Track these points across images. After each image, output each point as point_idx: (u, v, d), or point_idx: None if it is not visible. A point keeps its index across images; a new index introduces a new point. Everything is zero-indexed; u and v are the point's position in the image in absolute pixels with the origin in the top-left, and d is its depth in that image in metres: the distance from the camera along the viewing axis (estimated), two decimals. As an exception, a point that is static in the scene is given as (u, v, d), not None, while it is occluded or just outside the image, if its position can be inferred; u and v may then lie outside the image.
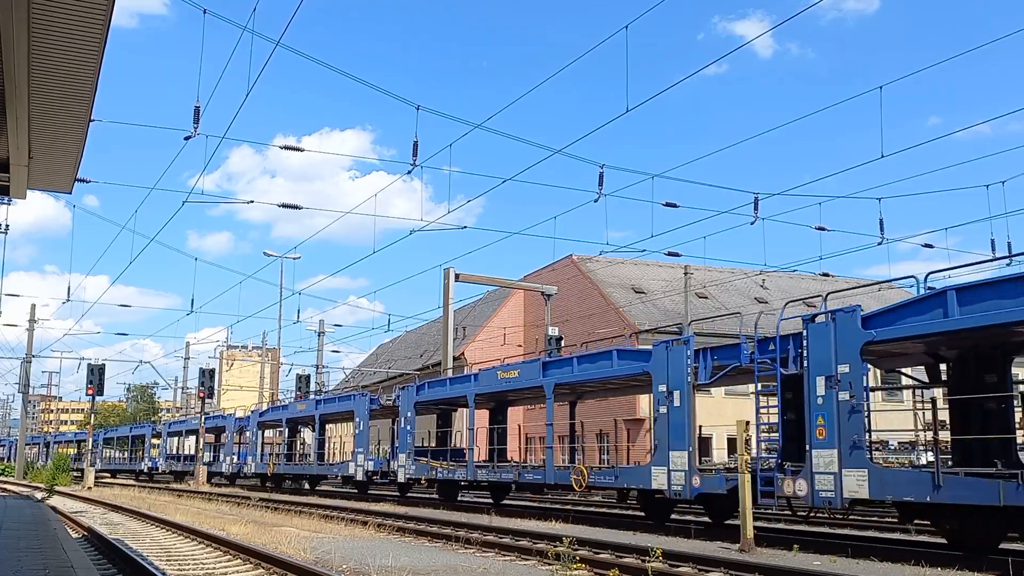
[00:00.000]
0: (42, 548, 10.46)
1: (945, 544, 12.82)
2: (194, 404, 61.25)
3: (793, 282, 48.10)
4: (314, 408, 34.65)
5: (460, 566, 11.30)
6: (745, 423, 13.87)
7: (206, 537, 14.26)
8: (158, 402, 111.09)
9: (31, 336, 49.72)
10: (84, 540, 14.47)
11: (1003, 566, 10.51)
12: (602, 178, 19.11)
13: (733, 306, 40.57)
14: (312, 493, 34.52)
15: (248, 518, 19.09)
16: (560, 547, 11.32)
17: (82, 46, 7.61)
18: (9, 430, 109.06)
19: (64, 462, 41.67)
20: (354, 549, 12.80)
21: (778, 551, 12.71)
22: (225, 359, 68.99)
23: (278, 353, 54.76)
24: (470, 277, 33.48)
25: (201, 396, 43.00)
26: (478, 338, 51.90)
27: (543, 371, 20.64)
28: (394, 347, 69.27)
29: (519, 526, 16.35)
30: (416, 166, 18.22)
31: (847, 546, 12.69)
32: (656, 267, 48.31)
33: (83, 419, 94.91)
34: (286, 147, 40.97)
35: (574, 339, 31.89)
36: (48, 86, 8.38)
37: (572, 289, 45.58)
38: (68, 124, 9.35)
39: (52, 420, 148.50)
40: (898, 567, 11.14)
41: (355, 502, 26.50)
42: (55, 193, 20.71)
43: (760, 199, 21.08)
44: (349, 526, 17.53)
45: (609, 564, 10.98)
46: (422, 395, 26.28)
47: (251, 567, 11.27)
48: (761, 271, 45.72)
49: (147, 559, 11.27)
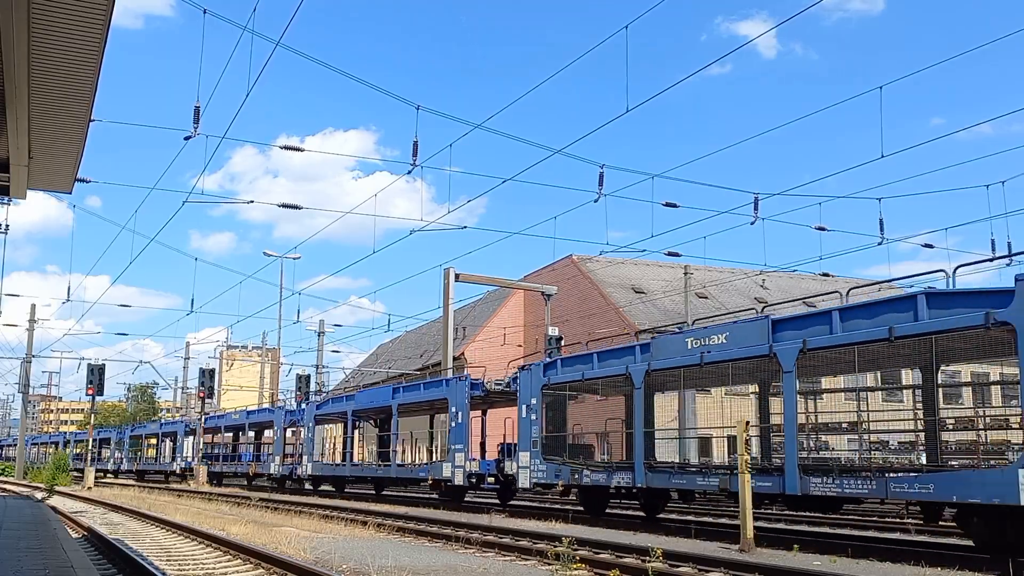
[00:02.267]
0: (42, 548, 10.45)
1: (945, 544, 12.81)
2: (194, 404, 61.10)
3: (793, 282, 48.11)
4: (390, 397, 28.54)
5: (460, 566, 11.30)
6: (746, 423, 13.88)
7: (206, 537, 14.26)
8: (158, 402, 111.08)
9: (31, 336, 49.73)
10: (84, 540, 14.46)
11: (1003, 566, 10.51)
12: (602, 178, 19.14)
13: (733, 306, 40.57)
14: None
15: (248, 518, 19.09)
16: (560, 547, 11.32)
17: (82, 46, 7.62)
18: (9, 430, 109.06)
19: (64, 462, 41.54)
20: (354, 549, 12.80)
21: (778, 551, 12.71)
22: (225, 359, 69.01)
23: (278, 353, 54.75)
24: (470, 277, 33.47)
25: (201, 396, 42.97)
26: (478, 338, 51.92)
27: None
28: (394, 347, 69.29)
29: (519, 526, 16.35)
30: (416, 166, 18.25)
31: (847, 546, 12.68)
32: (656, 267, 48.33)
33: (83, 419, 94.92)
34: (286, 147, 41.05)
35: (574, 339, 31.86)
36: (48, 86, 8.38)
37: (572, 289, 45.59)
38: (68, 124, 9.36)
39: (52, 420, 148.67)
40: (898, 567, 11.13)
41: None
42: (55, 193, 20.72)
43: (760, 199, 21.11)
44: (349, 526, 17.53)
45: (609, 564, 10.98)
46: (555, 376, 20.46)
47: (251, 567, 11.27)
48: (761, 271, 45.75)
49: (147, 559, 11.27)
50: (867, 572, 10.71)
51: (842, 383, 17.82)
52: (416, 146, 17.97)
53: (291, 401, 41.32)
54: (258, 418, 41.69)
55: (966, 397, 23.63)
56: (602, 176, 19.12)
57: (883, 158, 16.97)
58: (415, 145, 17.96)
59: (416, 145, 17.96)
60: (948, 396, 22.47)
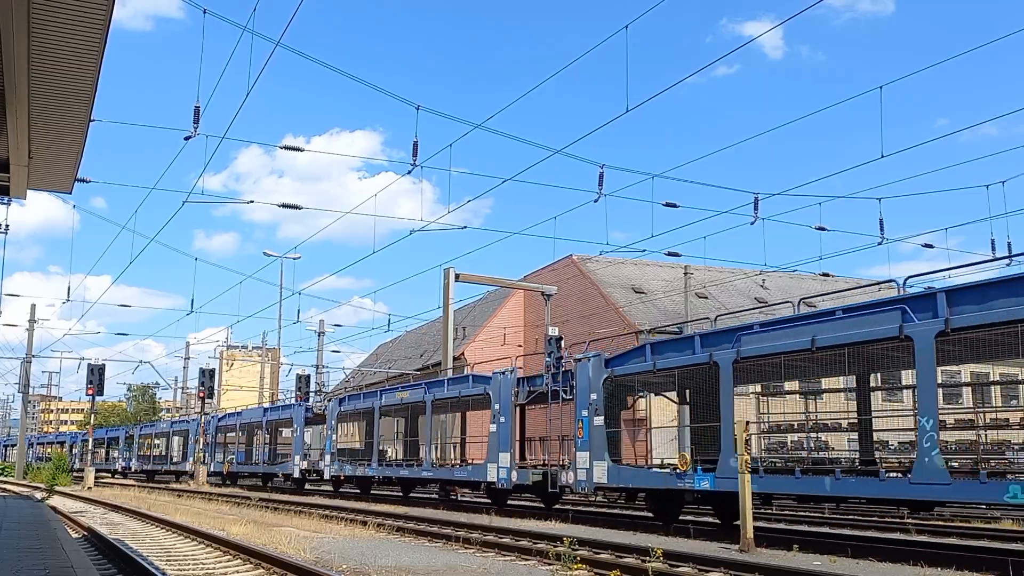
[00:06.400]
0: (42, 548, 10.45)
1: (945, 544, 12.81)
2: (194, 404, 61.06)
3: (793, 282, 48.10)
4: (423, 393, 26.45)
5: (460, 566, 11.30)
6: (745, 423, 13.88)
7: (206, 537, 14.25)
8: (158, 402, 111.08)
9: (31, 336, 49.75)
10: (84, 540, 14.46)
11: (1003, 566, 10.51)
12: (602, 178, 19.14)
13: (733, 306, 40.58)
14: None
15: (248, 518, 19.09)
16: (560, 547, 11.32)
17: (82, 46, 7.62)
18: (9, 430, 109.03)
19: (64, 462, 41.53)
20: (354, 549, 12.80)
21: (778, 551, 12.71)
22: (225, 359, 68.98)
23: (278, 353, 54.75)
24: (470, 277, 33.47)
25: (201, 396, 42.96)
26: (478, 338, 51.91)
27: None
28: (394, 347, 69.29)
29: (519, 526, 16.34)
30: (416, 166, 18.26)
31: (847, 546, 12.68)
32: (656, 267, 48.32)
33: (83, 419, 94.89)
34: (287, 147, 41.19)
35: (574, 339, 31.85)
36: (48, 86, 8.38)
37: (572, 289, 45.58)
38: (68, 124, 9.36)
39: (52, 420, 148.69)
40: (898, 567, 11.13)
41: (355, 502, 26.31)
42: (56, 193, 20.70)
43: (760, 199, 21.11)
44: (349, 526, 17.53)
45: (609, 564, 10.97)
46: (619, 367, 18.42)
47: (251, 567, 11.27)
48: (761, 271, 45.72)
49: (147, 559, 11.27)
50: (867, 572, 10.71)
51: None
52: (416, 146, 18.00)
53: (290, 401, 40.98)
54: (281, 414, 39.36)
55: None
56: (602, 176, 19.14)
57: (883, 158, 16.97)
58: (415, 145, 18.00)
59: (416, 145, 18.00)
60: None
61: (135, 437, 56.21)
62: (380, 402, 29.54)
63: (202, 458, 41.65)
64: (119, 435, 59.49)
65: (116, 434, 60.52)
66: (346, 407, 32.24)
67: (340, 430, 34.62)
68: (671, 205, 22.28)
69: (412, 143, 18.00)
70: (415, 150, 17.98)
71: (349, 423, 36.20)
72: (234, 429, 44.17)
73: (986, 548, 13.16)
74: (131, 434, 57.42)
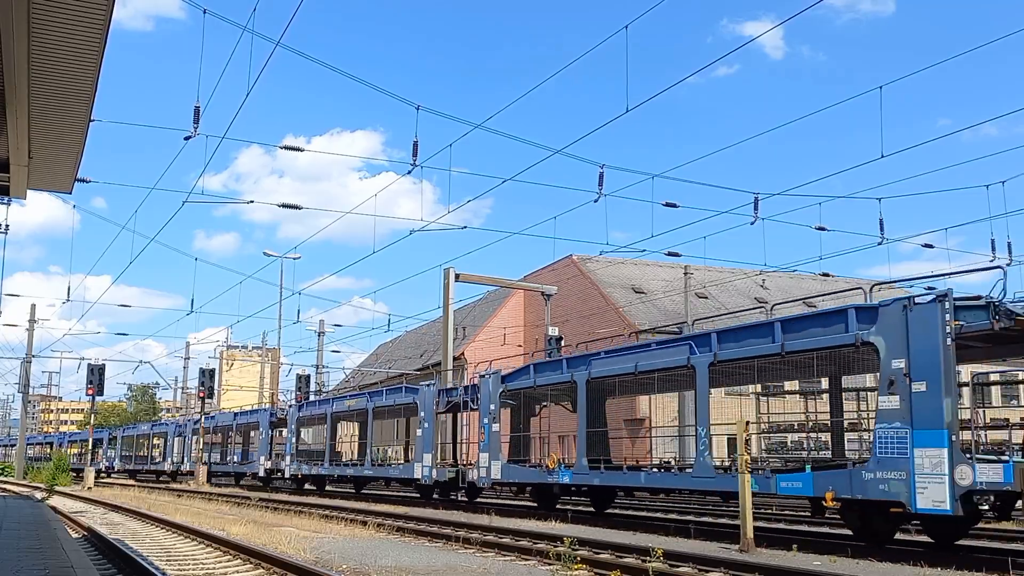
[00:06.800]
0: (42, 548, 10.46)
1: (945, 544, 12.83)
2: (194, 404, 61.06)
3: (793, 282, 48.12)
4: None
5: (460, 566, 11.30)
6: (745, 423, 13.88)
7: (206, 537, 14.26)
8: (158, 402, 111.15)
9: (31, 336, 49.75)
10: (84, 540, 14.47)
11: (1003, 566, 10.51)
12: (602, 178, 19.14)
13: (733, 306, 40.59)
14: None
15: (248, 518, 19.09)
16: (560, 547, 11.32)
17: (82, 46, 7.62)
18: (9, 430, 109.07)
19: (65, 462, 41.49)
20: (354, 549, 12.80)
21: (778, 551, 12.71)
22: (225, 359, 69.03)
23: (278, 353, 54.74)
24: (470, 277, 33.47)
25: (201, 396, 42.96)
26: (478, 338, 51.90)
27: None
28: (394, 347, 69.30)
29: (519, 526, 16.34)
30: (416, 166, 18.26)
31: (847, 546, 12.68)
32: (656, 267, 48.33)
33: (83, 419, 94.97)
34: (287, 147, 41.22)
35: (574, 339, 31.86)
36: (48, 86, 8.39)
37: (572, 289, 45.59)
38: (68, 124, 9.36)
39: (52, 420, 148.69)
40: (898, 567, 11.13)
41: (354, 502, 26.41)
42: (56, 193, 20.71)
43: (760, 199, 21.12)
44: (349, 526, 17.53)
45: (609, 564, 10.97)
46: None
47: (251, 567, 11.27)
48: (761, 271, 45.71)
49: (147, 559, 11.27)
50: (867, 572, 10.71)
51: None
52: (416, 146, 18.00)
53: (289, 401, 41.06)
54: (250, 419, 39.97)
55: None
56: (602, 176, 19.14)
57: (883, 158, 16.99)
58: (415, 145, 18.00)
59: (416, 145, 18.00)
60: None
61: (118, 438, 58.45)
62: (332, 409, 32.52)
63: (202, 458, 41.67)
64: (103, 436, 60.41)
65: (100, 435, 61.11)
66: (304, 413, 35.25)
67: (311, 434, 37.34)
68: (671, 205, 22.29)
69: (412, 143, 18.01)
70: (415, 150, 18.00)
71: (308, 428, 38.83)
72: (209, 431, 46.14)
73: (986, 548, 13.17)
74: (114, 435, 59.74)
